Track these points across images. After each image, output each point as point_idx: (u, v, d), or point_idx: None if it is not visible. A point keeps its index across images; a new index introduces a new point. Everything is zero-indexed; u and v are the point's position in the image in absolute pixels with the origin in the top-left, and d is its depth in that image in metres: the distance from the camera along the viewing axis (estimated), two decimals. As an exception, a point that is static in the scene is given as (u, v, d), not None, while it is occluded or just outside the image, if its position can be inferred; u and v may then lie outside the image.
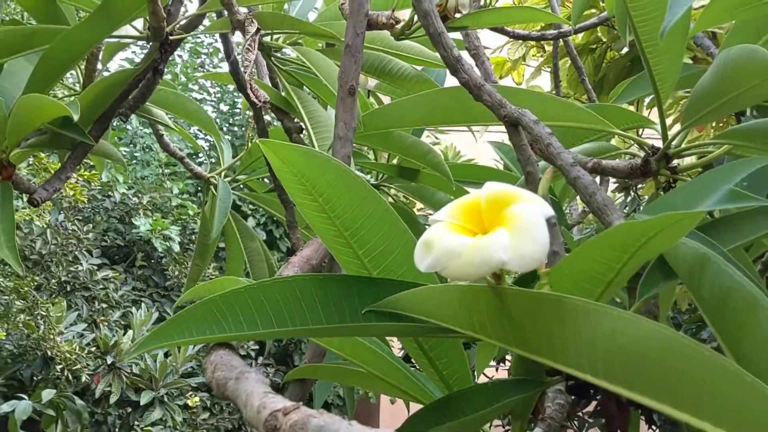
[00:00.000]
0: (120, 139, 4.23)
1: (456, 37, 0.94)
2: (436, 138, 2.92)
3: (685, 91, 1.00)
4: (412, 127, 0.80)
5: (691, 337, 0.25)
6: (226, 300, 0.36)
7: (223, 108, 4.90)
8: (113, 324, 3.49)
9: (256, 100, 0.76)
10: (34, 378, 3.19)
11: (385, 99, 0.94)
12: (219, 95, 4.96)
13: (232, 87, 4.35)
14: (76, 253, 3.43)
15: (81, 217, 3.61)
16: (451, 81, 0.63)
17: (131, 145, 4.37)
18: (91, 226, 3.58)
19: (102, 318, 3.46)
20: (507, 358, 2.01)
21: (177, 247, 3.72)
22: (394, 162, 0.99)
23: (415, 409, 0.39)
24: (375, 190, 0.40)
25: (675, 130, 0.57)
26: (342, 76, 0.60)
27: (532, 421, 0.39)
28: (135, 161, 4.28)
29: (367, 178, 1.06)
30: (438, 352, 0.42)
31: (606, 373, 0.27)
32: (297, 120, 0.87)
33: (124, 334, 3.35)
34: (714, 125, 1.11)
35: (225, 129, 4.72)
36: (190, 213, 3.98)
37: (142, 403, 3.30)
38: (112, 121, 0.85)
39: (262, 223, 4.26)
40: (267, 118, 1.05)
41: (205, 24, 0.89)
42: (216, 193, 0.97)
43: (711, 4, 0.49)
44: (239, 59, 0.82)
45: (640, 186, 1.94)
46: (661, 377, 0.26)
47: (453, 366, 0.42)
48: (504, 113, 0.50)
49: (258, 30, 0.76)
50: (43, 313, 3.06)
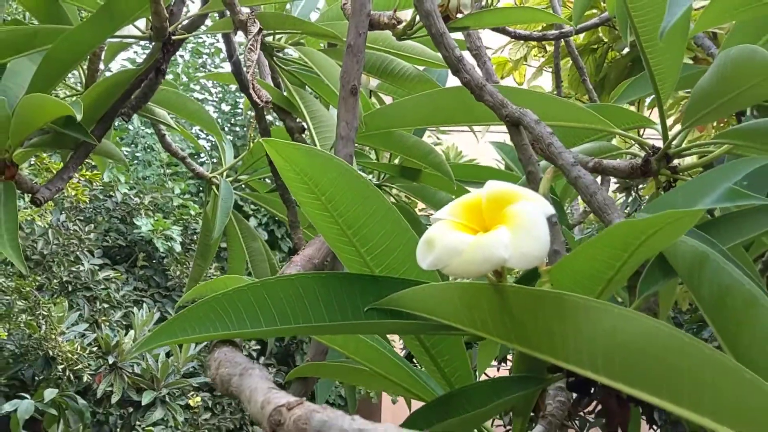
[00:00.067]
0: (122, 139, 4.24)
1: (458, 37, 0.94)
2: (438, 138, 2.92)
3: (686, 91, 1.00)
4: (413, 127, 0.80)
5: (692, 336, 0.25)
6: (229, 298, 0.36)
7: (225, 108, 4.91)
8: (115, 324, 3.50)
9: (258, 100, 0.77)
10: (36, 378, 3.19)
11: (387, 99, 0.94)
12: (221, 95, 4.97)
13: (233, 87, 4.36)
14: (78, 253, 3.44)
15: (83, 218, 3.62)
16: (453, 81, 0.63)
17: (133, 145, 4.38)
18: (92, 226, 3.59)
19: (103, 318, 3.47)
20: (508, 358, 2.02)
21: (178, 248, 3.73)
22: (396, 162, 0.99)
23: (417, 407, 0.40)
24: (377, 189, 0.40)
25: (675, 130, 0.57)
26: (344, 76, 0.60)
27: (533, 419, 0.40)
28: (137, 161, 4.29)
29: (369, 178, 1.06)
30: (440, 349, 0.42)
31: (606, 369, 0.28)
32: (299, 120, 0.87)
33: (126, 335, 3.36)
34: (715, 125, 1.11)
35: (227, 129, 4.73)
36: (192, 213, 3.98)
37: (143, 403, 3.30)
38: (114, 121, 0.85)
39: (263, 223, 4.27)
40: (269, 118, 1.05)
41: (207, 24, 0.89)
42: (218, 193, 0.97)
43: (711, 5, 0.49)
44: (241, 59, 0.82)
45: (641, 186, 1.94)
46: (661, 373, 0.26)
47: (455, 363, 0.42)
48: (505, 113, 0.50)
49: (260, 30, 0.76)
50: (45, 313, 3.07)
